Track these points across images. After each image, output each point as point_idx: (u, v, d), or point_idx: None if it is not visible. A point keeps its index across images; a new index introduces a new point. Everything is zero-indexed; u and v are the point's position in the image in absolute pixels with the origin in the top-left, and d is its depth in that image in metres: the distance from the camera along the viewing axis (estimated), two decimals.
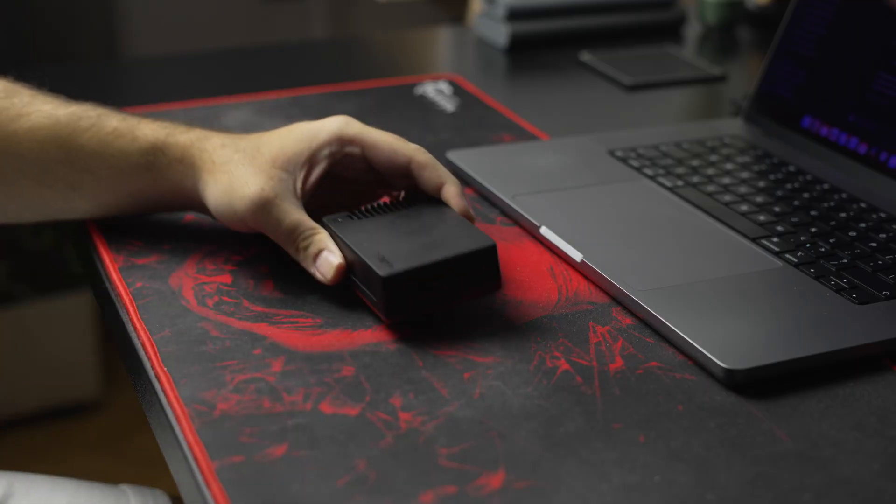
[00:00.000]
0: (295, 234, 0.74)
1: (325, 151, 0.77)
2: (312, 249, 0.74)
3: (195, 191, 0.77)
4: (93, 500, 0.85)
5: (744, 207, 0.87)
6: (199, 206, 0.79)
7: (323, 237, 0.74)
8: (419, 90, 1.16)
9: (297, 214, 0.75)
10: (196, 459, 0.59)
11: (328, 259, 0.73)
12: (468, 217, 0.76)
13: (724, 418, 0.64)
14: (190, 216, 0.84)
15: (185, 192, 0.78)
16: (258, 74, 1.23)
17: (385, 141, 0.77)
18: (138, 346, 0.70)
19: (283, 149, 0.76)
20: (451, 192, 0.76)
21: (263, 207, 0.74)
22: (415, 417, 0.63)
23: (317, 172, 0.77)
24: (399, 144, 0.77)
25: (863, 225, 0.84)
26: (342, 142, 0.77)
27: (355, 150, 0.77)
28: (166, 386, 0.65)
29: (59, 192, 0.78)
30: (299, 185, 0.76)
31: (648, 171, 0.93)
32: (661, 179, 0.92)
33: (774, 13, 1.41)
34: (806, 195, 0.90)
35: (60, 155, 0.77)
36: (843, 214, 0.86)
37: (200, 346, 0.69)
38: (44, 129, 0.77)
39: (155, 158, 0.77)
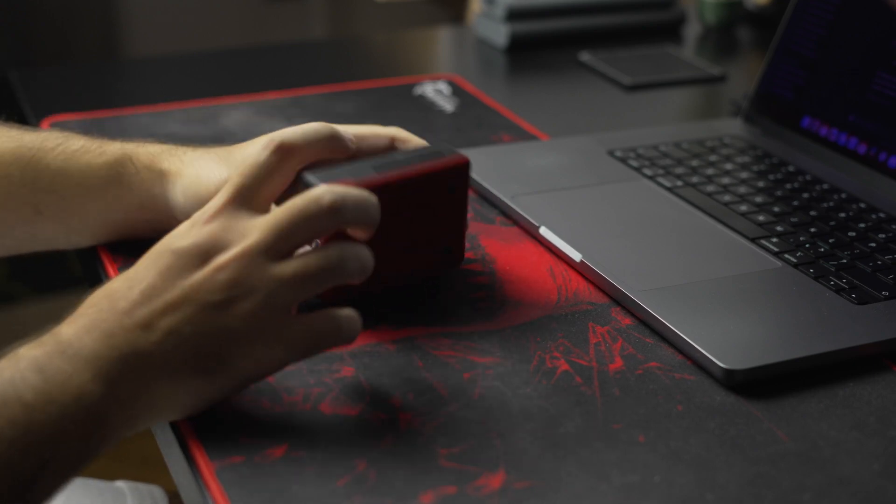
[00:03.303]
0: None
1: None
2: None
3: (163, 196, 0.75)
4: (89, 495, 0.85)
5: (743, 207, 0.87)
6: (165, 214, 0.76)
7: None
8: (418, 90, 1.16)
9: None
10: (196, 460, 0.59)
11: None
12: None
13: (723, 418, 0.64)
14: None
15: (153, 201, 0.75)
16: (258, 74, 1.23)
17: (366, 128, 0.76)
18: None
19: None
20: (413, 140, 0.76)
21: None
22: (415, 417, 0.63)
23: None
24: (378, 128, 0.77)
25: (862, 225, 0.84)
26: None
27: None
28: None
29: (23, 216, 0.75)
30: None
31: (648, 172, 0.93)
32: (661, 179, 0.92)
33: (774, 13, 1.41)
34: (805, 195, 0.90)
35: (25, 177, 0.74)
36: (842, 214, 0.86)
37: None
38: (8, 153, 0.74)
39: (123, 168, 0.75)
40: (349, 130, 0.76)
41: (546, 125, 1.08)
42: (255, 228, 0.60)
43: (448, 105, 1.12)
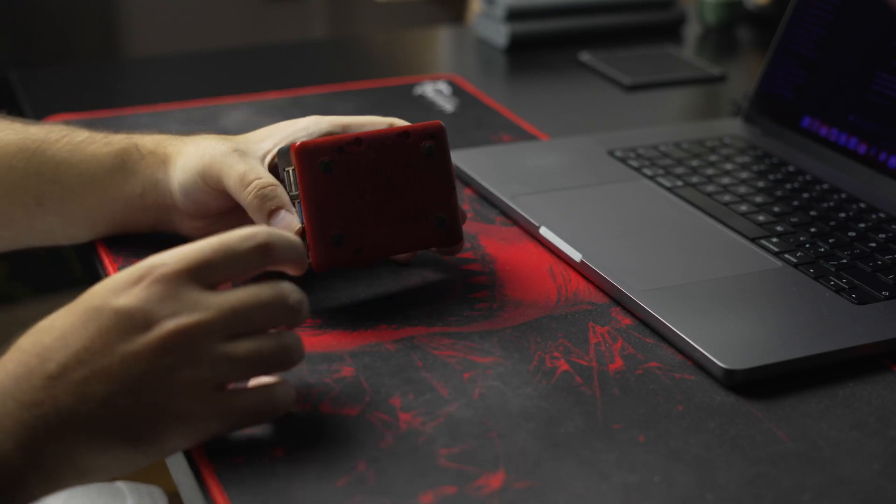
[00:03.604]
0: (248, 178, 0.71)
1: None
2: (270, 204, 0.70)
3: (165, 182, 0.75)
4: (89, 495, 0.85)
5: (743, 207, 0.87)
6: (166, 203, 0.75)
7: (283, 195, 0.71)
8: (418, 90, 1.16)
9: (257, 165, 0.72)
10: (196, 460, 0.59)
11: (288, 220, 0.71)
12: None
13: (723, 418, 0.64)
14: None
15: (155, 188, 0.75)
16: (258, 74, 1.23)
17: (365, 119, 0.77)
18: None
19: (263, 131, 0.76)
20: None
21: (222, 155, 0.72)
22: (415, 418, 0.63)
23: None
24: (376, 118, 0.77)
25: (862, 225, 0.84)
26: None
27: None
28: None
29: (24, 207, 0.75)
30: (268, 159, 0.74)
31: (648, 172, 0.93)
32: (661, 179, 0.92)
33: (774, 13, 1.41)
34: (805, 195, 0.90)
35: (29, 167, 0.74)
36: (842, 214, 0.86)
37: None
38: (12, 144, 0.74)
39: (128, 155, 0.75)
40: (348, 120, 0.76)
41: (546, 125, 1.08)
42: (211, 305, 0.56)
43: (448, 105, 1.12)
